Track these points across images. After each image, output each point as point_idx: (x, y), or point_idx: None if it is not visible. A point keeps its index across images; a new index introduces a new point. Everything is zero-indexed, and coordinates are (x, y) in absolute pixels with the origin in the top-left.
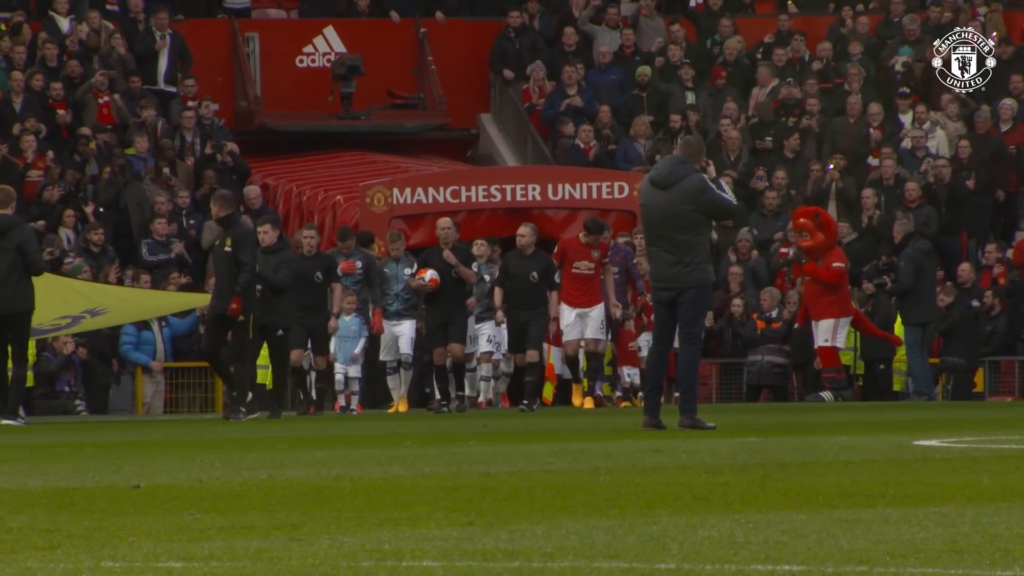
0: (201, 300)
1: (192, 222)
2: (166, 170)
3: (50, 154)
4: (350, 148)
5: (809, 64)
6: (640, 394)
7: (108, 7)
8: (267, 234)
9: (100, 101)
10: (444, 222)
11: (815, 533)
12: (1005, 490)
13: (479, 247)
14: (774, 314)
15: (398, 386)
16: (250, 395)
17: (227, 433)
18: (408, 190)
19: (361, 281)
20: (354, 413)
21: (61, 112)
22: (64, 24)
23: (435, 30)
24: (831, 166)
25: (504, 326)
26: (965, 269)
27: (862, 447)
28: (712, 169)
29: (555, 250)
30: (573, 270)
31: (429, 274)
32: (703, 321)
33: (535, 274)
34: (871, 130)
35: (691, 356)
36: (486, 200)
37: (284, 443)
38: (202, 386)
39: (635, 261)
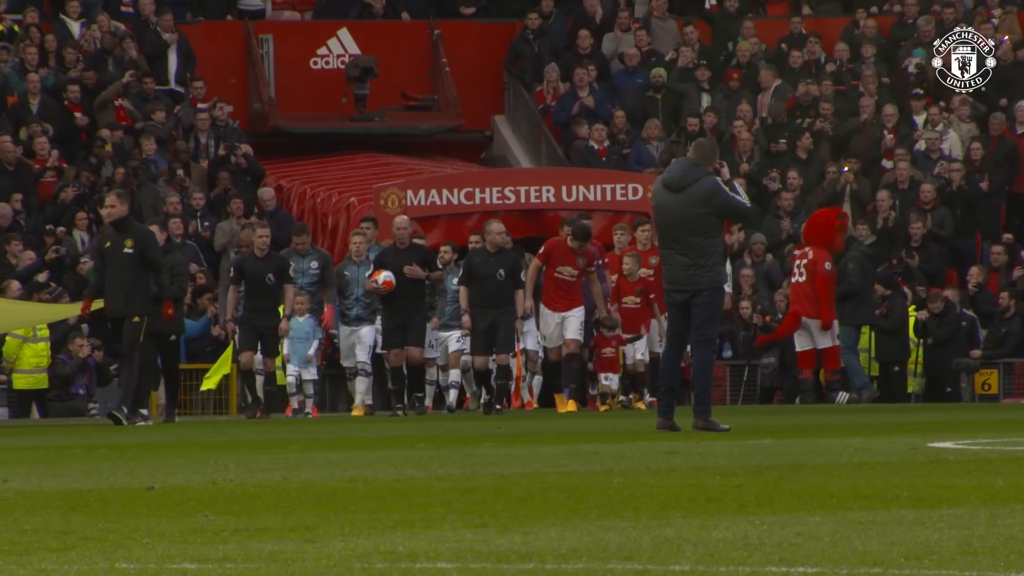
0: (70, 311)
1: (207, 224)
2: (180, 172)
3: (54, 153)
4: (364, 150)
5: (823, 66)
6: (618, 397)
7: (122, 8)
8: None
9: (116, 104)
10: (400, 221)
11: (829, 535)
12: (1020, 492)
13: (444, 253)
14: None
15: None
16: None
17: (241, 435)
18: (422, 192)
19: (317, 282)
20: (309, 416)
21: (78, 115)
22: (75, 28)
23: (449, 32)
24: (845, 168)
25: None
26: (974, 273)
27: (876, 449)
28: (726, 171)
29: (540, 250)
30: (556, 274)
31: (383, 276)
32: (717, 323)
33: (502, 272)
34: (885, 132)
35: (705, 358)
36: (500, 202)
37: (298, 445)
38: (216, 387)
39: (603, 262)
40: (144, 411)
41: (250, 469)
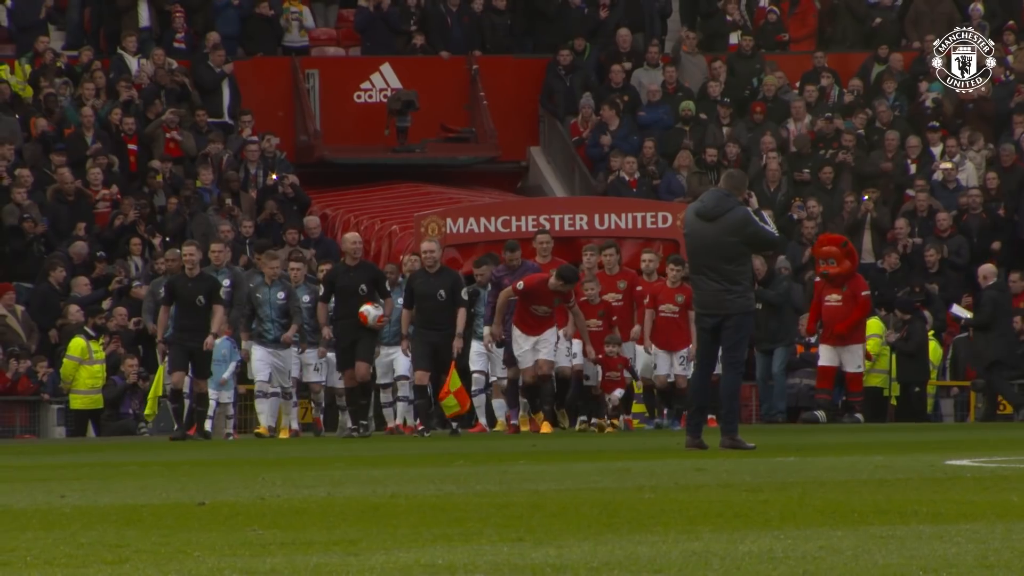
0: None
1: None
2: (228, 201)
3: (114, 188)
4: (405, 180)
5: (842, 100)
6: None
7: (175, 44)
8: None
9: (167, 136)
10: (351, 237)
11: (851, 549)
12: None
13: (391, 274)
14: (812, 339)
15: (265, 410)
16: None
17: (288, 452)
18: (461, 220)
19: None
20: (230, 439)
21: (132, 146)
22: (133, 64)
23: (486, 67)
24: (866, 197)
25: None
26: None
27: (896, 466)
28: (754, 200)
29: (520, 285)
30: (531, 309)
31: (371, 316)
32: (746, 346)
33: (442, 292)
34: (908, 162)
35: (733, 380)
36: (535, 229)
37: (342, 462)
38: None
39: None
40: None
41: (296, 485)
